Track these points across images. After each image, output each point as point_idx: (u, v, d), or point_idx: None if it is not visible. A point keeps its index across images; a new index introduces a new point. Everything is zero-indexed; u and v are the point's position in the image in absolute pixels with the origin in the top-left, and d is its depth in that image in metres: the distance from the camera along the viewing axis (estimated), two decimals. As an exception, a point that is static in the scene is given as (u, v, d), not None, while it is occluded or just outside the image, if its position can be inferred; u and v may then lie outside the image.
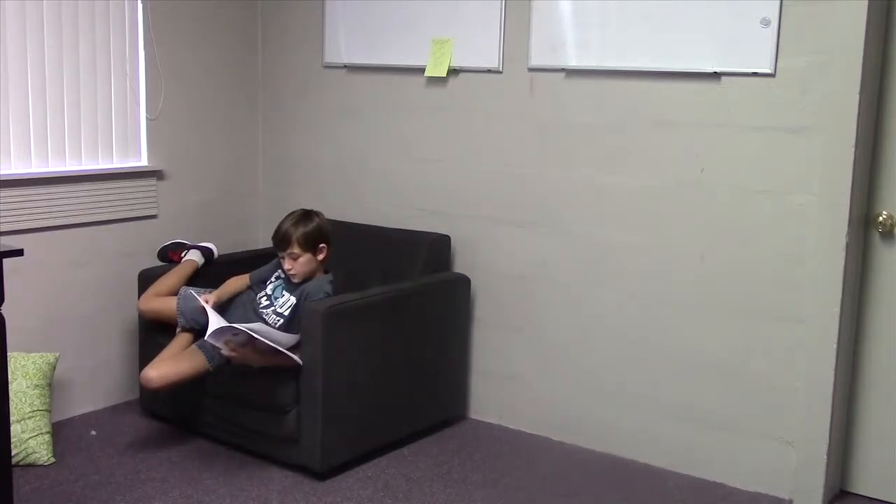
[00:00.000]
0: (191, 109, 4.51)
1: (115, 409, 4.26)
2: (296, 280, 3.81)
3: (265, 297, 3.88)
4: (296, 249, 3.77)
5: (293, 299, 3.79)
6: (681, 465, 3.77)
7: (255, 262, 4.11)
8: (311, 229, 3.81)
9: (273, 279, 3.93)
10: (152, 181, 4.37)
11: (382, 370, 3.80)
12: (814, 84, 3.35)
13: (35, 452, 3.64)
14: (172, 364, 3.66)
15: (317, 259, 3.82)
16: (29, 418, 3.64)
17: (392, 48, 4.32)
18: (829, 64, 3.31)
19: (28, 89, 3.88)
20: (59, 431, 3.92)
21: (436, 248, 4.16)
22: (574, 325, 3.98)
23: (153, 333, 4.01)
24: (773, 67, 3.41)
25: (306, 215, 3.86)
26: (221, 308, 3.83)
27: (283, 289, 3.86)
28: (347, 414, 3.65)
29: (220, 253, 4.32)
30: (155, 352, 3.83)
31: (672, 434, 3.77)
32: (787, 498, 3.57)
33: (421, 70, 4.23)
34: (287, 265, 3.80)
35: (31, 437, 3.63)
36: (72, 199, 4.06)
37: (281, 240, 3.80)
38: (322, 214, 3.92)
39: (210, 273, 4.16)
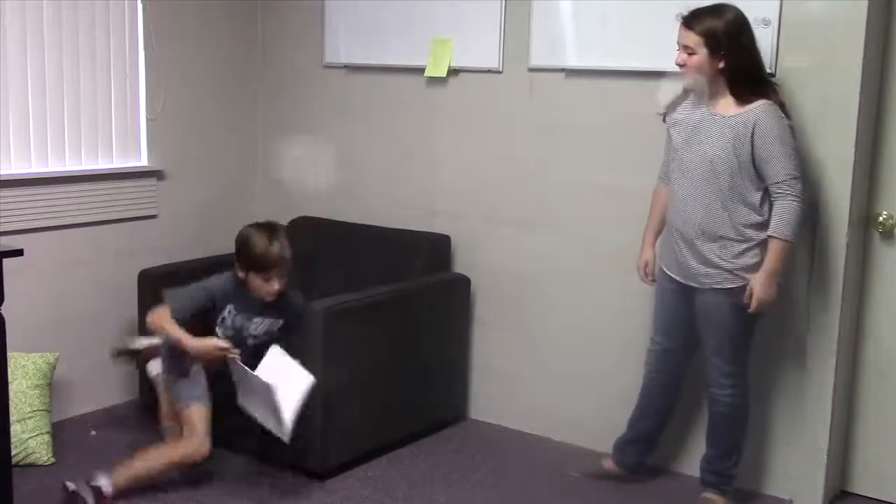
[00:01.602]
0: (191, 109, 4.50)
1: (115, 409, 4.26)
2: (273, 299, 3.52)
3: (250, 338, 3.56)
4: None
5: (276, 321, 3.59)
6: (681, 464, 3.77)
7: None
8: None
9: (227, 314, 3.55)
10: (152, 181, 4.37)
11: (382, 370, 3.80)
12: (814, 84, 3.35)
13: (35, 452, 3.64)
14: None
15: None
16: (29, 418, 3.64)
17: (392, 48, 4.32)
18: (829, 64, 3.31)
19: (28, 89, 3.88)
20: (59, 431, 3.91)
21: (436, 248, 4.16)
22: (574, 325, 3.98)
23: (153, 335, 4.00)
24: (772, 67, 3.40)
25: (278, 228, 3.56)
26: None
27: (247, 317, 3.56)
28: (347, 414, 3.65)
29: (220, 253, 4.26)
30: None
31: (672, 434, 3.77)
32: (787, 498, 3.57)
33: (421, 70, 4.22)
34: (278, 286, 3.49)
35: (31, 437, 3.63)
36: (72, 199, 4.06)
37: (279, 261, 3.47)
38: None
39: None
